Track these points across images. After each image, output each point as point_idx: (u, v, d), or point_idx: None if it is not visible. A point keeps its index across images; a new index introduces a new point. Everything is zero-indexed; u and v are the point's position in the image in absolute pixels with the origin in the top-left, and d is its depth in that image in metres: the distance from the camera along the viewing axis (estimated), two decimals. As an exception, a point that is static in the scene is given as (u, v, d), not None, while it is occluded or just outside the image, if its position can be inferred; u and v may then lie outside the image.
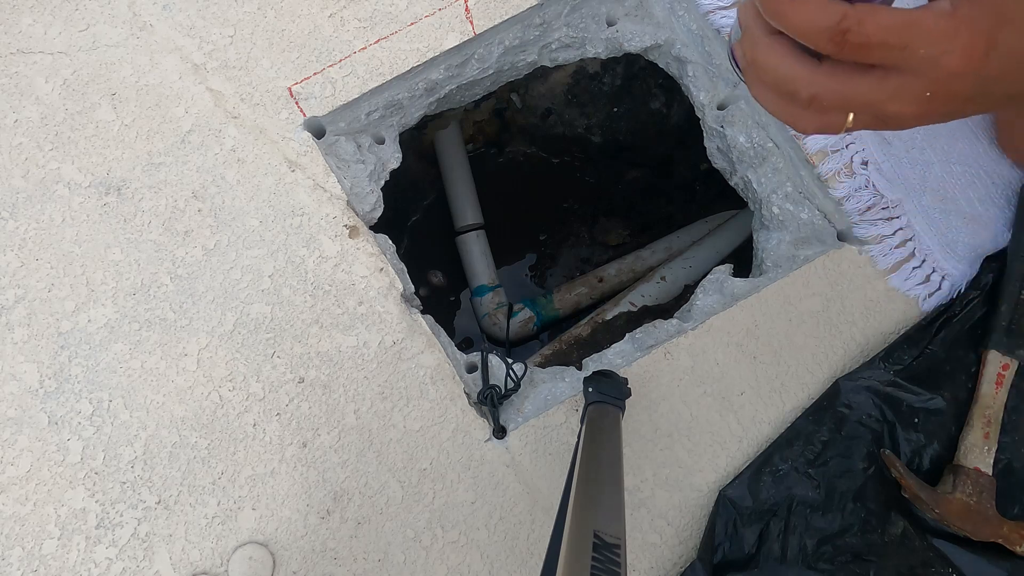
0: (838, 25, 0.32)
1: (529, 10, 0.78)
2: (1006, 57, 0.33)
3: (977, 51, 0.32)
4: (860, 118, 0.36)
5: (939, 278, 0.74)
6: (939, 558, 0.67)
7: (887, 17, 0.32)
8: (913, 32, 0.32)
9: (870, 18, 0.32)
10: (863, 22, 0.32)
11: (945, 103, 0.34)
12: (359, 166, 0.77)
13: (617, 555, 0.42)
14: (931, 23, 0.32)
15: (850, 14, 0.32)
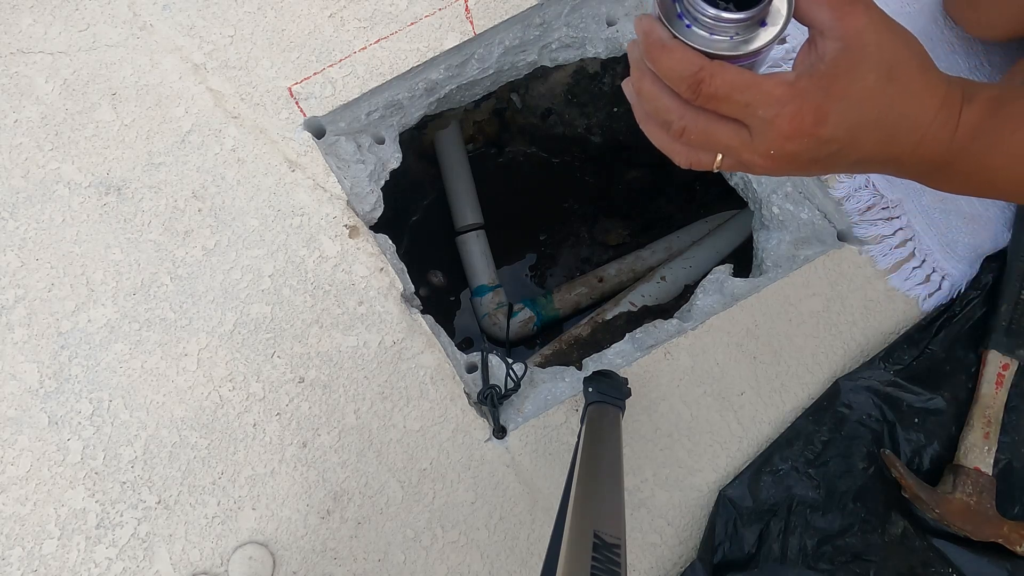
0: (694, 75, 0.36)
1: (529, 10, 0.78)
2: (837, 127, 0.36)
3: (806, 120, 0.36)
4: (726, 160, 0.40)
5: (939, 278, 0.74)
6: (939, 558, 0.67)
7: (735, 76, 0.36)
8: (754, 93, 0.36)
9: (720, 73, 0.36)
10: (714, 76, 0.36)
11: (788, 161, 0.38)
12: (359, 166, 0.77)
13: (617, 555, 0.42)
14: (770, 88, 0.36)
15: (705, 67, 0.36)
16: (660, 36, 0.37)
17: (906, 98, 0.37)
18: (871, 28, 0.37)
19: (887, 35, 0.37)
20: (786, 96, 0.36)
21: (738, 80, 0.36)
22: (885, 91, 0.37)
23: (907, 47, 0.38)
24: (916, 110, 0.38)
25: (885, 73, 0.37)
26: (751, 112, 0.36)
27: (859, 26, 0.36)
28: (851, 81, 0.36)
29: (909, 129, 0.38)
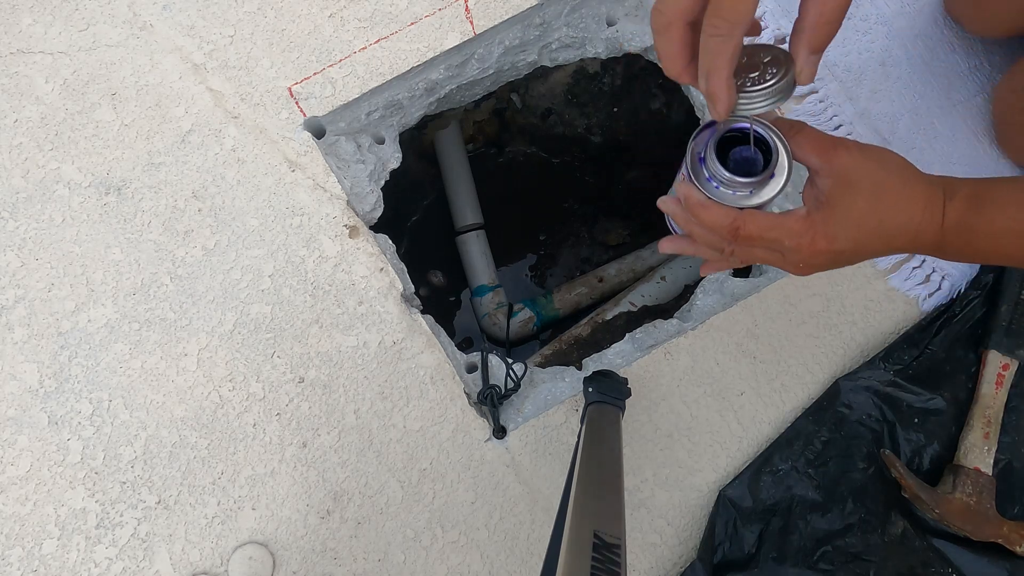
0: (731, 225, 0.46)
1: (529, 10, 0.78)
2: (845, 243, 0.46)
3: (821, 244, 0.46)
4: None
5: (939, 278, 0.74)
6: (939, 558, 0.67)
7: (761, 221, 0.46)
8: (779, 231, 0.46)
9: (750, 221, 0.46)
10: (746, 223, 0.46)
11: (816, 268, 0.48)
12: (359, 166, 0.77)
13: (617, 555, 0.42)
14: (790, 224, 0.46)
15: (737, 218, 0.46)
16: (698, 198, 0.47)
17: (894, 211, 0.46)
18: (853, 163, 0.46)
19: (867, 164, 0.46)
20: (803, 229, 0.46)
21: (764, 223, 0.46)
22: (875, 210, 0.46)
23: (885, 169, 0.46)
24: (904, 218, 0.46)
25: (872, 196, 0.45)
26: (779, 244, 0.47)
27: (843, 163, 0.46)
28: (848, 208, 0.46)
29: (902, 232, 0.47)
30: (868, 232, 0.46)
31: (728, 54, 0.40)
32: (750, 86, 0.43)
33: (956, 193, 0.46)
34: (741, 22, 0.39)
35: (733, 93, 0.42)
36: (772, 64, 0.44)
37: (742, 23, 0.40)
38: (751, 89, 0.43)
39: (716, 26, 0.40)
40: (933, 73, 0.78)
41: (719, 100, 0.42)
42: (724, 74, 0.41)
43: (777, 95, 0.43)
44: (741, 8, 0.39)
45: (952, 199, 0.46)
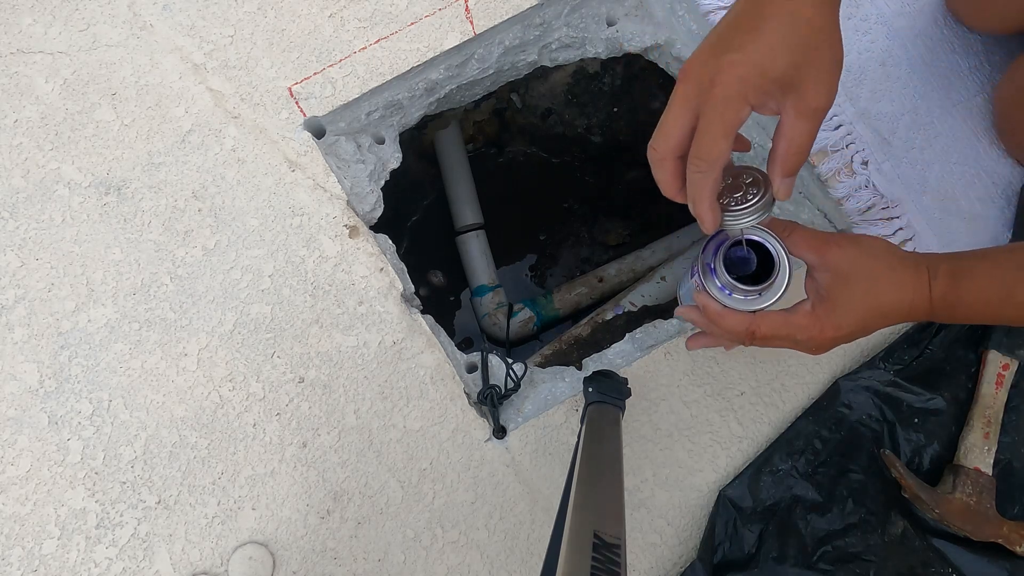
0: (747, 329, 0.54)
1: (529, 10, 0.78)
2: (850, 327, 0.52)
3: (828, 333, 0.52)
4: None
5: (939, 278, 0.74)
6: (939, 558, 0.67)
7: (773, 321, 0.53)
8: (790, 328, 0.53)
9: (764, 323, 0.53)
10: (760, 326, 0.53)
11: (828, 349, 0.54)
12: (359, 166, 0.77)
13: (617, 555, 0.42)
14: (799, 321, 0.53)
15: (752, 322, 0.53)
16: (715, 308, 0.55)
17: (888, 294, 0.52)
18: (845, 257, 0.52)
19: (858, 257, 0.53)
20: (811, 323, 0.53)
21: (777, 323, 0.53)
22: (872, 296, 0.52)
23: (874, 257, 0.53)
24: (897, 298, 0.52)
25: (867, 285, 0.52)
26: (792, 338, 0.53)
27: (836, 259, 0.52)
28: (848, 299, 0.52)
29: (897, 310, 0.53)
30: (868, 315, 0.53)
31: (709, 187, 0.48)
32: (734, 206, 0.50)
33: (938, 271, 0.53)
34: (718, 161, 0.47)
35: (717, 215, 0.50)
36: (753, 185, 0.51)
37: (719, 162, 0.47)
38: (735, 209, 0.50)
39: (698, 165, 0.48)
40: (933, 73, 0.78)
41: (704, 221, 0.50)
42: (707, 203, 0.49)
43: (757, 212, 0.50)
44: (717, 151, 0.47)
45: (935, 277, 0.53)
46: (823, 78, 0.47)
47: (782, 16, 0.46)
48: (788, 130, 0.48)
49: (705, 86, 0.46)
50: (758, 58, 0.46)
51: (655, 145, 0.50)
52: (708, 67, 0.46)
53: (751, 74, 0.45)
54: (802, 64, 0.46)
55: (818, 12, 0.47)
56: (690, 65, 0.48)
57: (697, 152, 0.47)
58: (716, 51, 0.46)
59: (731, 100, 0.45)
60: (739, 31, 0.47)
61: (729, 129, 0.46)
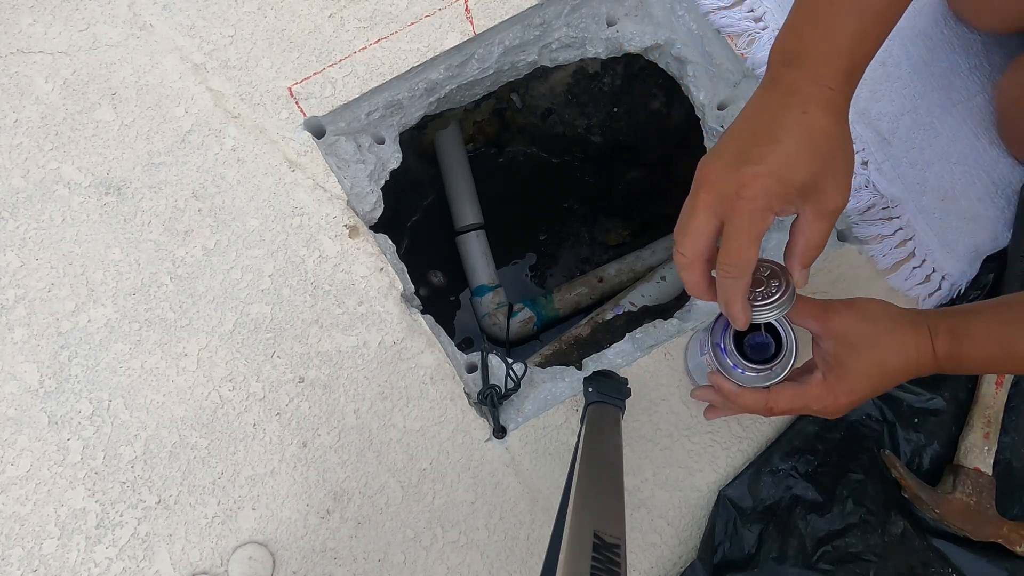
0: (764, 406, 0.56)
1: (529, 10, 0.78)
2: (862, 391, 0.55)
3: (842, 400, 0.55)
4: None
5: (939, 278, 0.74)
6: (939, 558, 0.67)
7: (790, 395, 0.56)
8: (804, 400, 0.55)
9: (779, 398, 0.56)
10: (777, 401, 0.56)
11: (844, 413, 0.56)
12: (359, 166, 0.77)
13: (617, 555, 0.42)
14: (813, 392, 0.55)
15: (768, 398, 0.56)
16: (730, 388, 0.57)
17: (892, 356, 0.55)
18: (845, 325, 0.55)
19: (859, 324, 0.55)
20: (823, 392, 0.55)
21: (792, 396, 0.56)
22: (877, 360, 0.54)
23: (874, 322, 0.55)
24: (902, 359, 0.55)
25: (871, 350, 0.54)
26: (808, 408, 0.56)
27: (838, 327, 0.55)
28: (855, 365, 0.54)
29: (903, 370, 0.55)
30: (877, 378, 0.55)
31: (741, 290, 0.51)
32: (760, 300, 0.53)
33: (938, 330, 0.55)
34: (748, 267, 0.50)
35: (748, 313, 0.52)
36: (772, 277, 0.54)
37: (749, 267, 0.50)
38: (761, 303, 0.53)
39: (728, 271, 0.50)
40: (933, 73, 0.78)
41: (738, 320, 0.53)
42: (739, 304, 0.52)
43: (783, 306, 0.53)
44: (746, 257, 0.49)
45: (936, 335, 0.55)
46: (840, 182, 0.50)
47: (799, 127, 0.49)
48: (807, 229, 0.51)
49: (729, 196, 0.48)
50: (780, 169, 0.48)
51: (683, 251, 0.52)
52: (731, 178, 0.48)
53: (774, 185, 0.48)
54: (820, 172, 0.49)
55: (833, 122, 0.50)
56: (710, 173, 0.50)
57: (727, 259, 0.50)
58: (737, 162, 0.49)
59: (757, 211, 0.48)
60: (758, 143, 0.49)
61: (757, 237, 0.49)
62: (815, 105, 0.50)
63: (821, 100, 0.50)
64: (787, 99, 0.50)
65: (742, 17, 0.79)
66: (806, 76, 0.50)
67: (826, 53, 0.50)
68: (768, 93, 0.52)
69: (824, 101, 0.50)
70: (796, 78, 0.51)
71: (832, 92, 0.50)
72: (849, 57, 0.51)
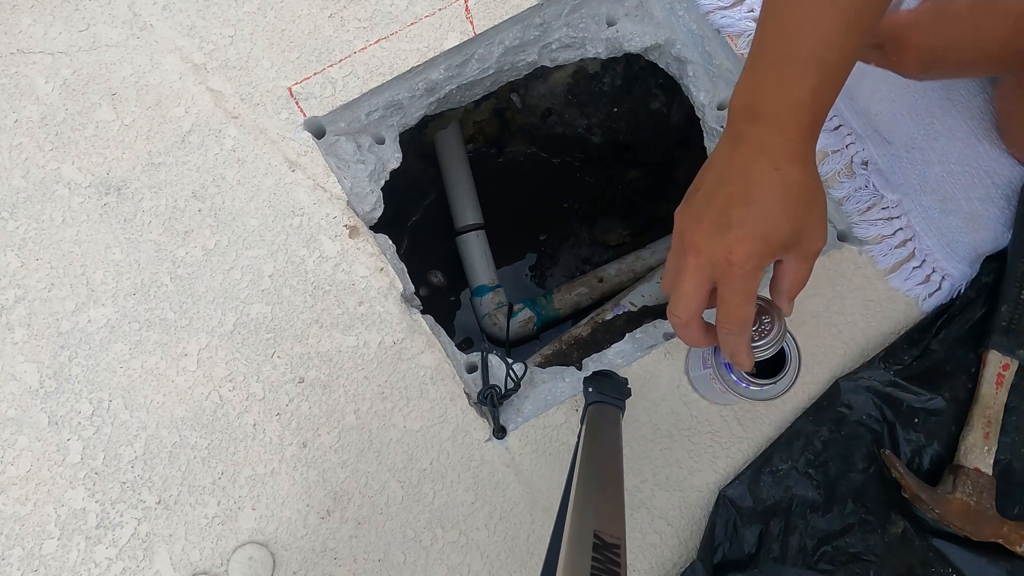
0: None
1: (529, 10, 0.78)
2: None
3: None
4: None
5: (939, 278, 0.74)
6: (939, 558, 0.67)
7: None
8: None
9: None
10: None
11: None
12: (359, 166, 0.77)
13: (617, 555, 0.42)
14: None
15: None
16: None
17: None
18: None
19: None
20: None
21: None
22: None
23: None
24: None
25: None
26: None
27: None
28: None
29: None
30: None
31: (744, 343, 0.54)
32: (757, 339, 0.56)
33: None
34: (747, 323, 0.52)
35: (752, 357, 0.55)
36: (762, 313, 0.57)
37: (748, 323, 0.52)
38: (759, 343, 0.56)
39: (729, 329, 0.53)
40: (933, 73, 0.78)
41: (744, 366, 0.55)
42: (744, 355, 0.54)
43: (779, 341, 0.56)
44: (745, 314, 0.52)
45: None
46: (819, 227, 0.52)
47: (774, 184, 0.51)
48: (791, 271, 0.54)
49: (720, 263, 0.51)
50: (763, 230, 0.50)
51: (678, 313, 0.54)
52: (718, 244, 0.50)
53: (761, 247, 0.50)
54: (801, 223, 0.51)
55: (804, 172, 0.52)
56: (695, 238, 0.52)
57: (727, 319, 0.52)
58: (720, 227, 0.51)
59: (748, 273, 0.50)
60: (737, 204, 0.51)
61: (752, 296, 0.51)
62: (784, 159, 0.51)
63: (790, 153, 0.51)
64: (756, 154, 0.52)
65: (742, 17, 0.79)
66: (771, 131, 0.52)
67: (789, 110, 0.52)
68: (736, 148, 0.53)
69: (792, 153, 0.51)
70: (761, 133, 0.52)
71: (798, 144, 0.52)
72: (810, 111, 0.52)
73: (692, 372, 0.71)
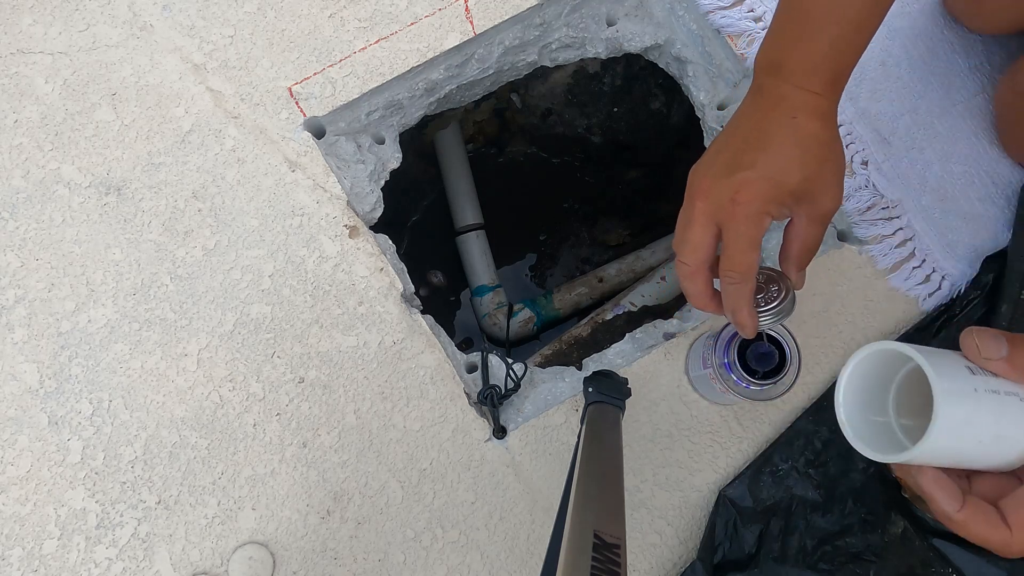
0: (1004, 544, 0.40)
1: (529, 10, 0.78)
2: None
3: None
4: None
5: (939, 278, 0.74)
6: (939, 558, 0.67)
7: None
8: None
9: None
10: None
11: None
12: (359, 166, 0.77)
13: (617, 555, 0.42)
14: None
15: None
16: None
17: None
18: None
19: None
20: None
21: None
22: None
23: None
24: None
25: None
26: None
27: None
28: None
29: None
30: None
31: (746, 296, 0.51)
32: (763, 306, 0.53)
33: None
34: (750, 272, 0.50)
35: (756, 320, 0.53)
36: (769, 282, 0.54)
37: (751, 272, 0.50)
38: (764, 309, 0.53)
39: (732, 278, 0.51)
40: (933, 73, 0.78)
41: (746, 327, 0.53)
42: (746, 310, 0.52)
43: (786, 311, 0.53)
44: (748, 262, 0.50)
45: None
46: (832, 186, 0.51)
47: (789, 133, 0.50)
48: (802, 232, 0.52)
49: (724, 204, 0.49)
50: (773, 173, 0.49)
51: (686, 260, 0.53)
52: (725, 185, 0.49)
53: (768, 189, 0.49)
54: (813, 176, 0.49)
55: (822, 126, 0.51)
56: (703, 182, 0.51)
57: (730, 266, 0.51)
58: (730, 169, 0.49)
59: (753, 216, 0.49)
60: (749, 149, 0.50)
61: (756, 242, 0.50)
62: (803, 111, 0.50)
63: (809, 106, 0.51)
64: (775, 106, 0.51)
65: (742, 17, 0.79)
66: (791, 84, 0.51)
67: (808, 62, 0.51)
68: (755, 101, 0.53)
69: (812, 107, 0.51)
70: (782, 86, 0.51)
71: (819, 98, 0.51)
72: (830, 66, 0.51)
73: (692, 372, 0.71)
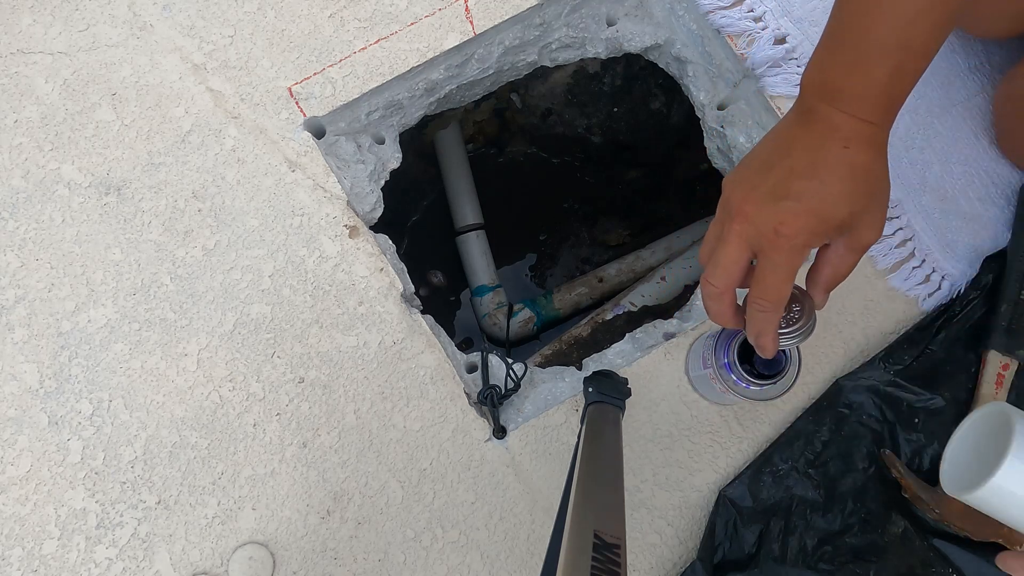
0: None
1: (529, 10, 0.78)
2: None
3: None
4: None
5: (939, 278, 0.74)
6: (939, 558, 0.67)
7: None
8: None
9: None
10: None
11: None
12: (359, 166, 0.77)
13: (617, 555, 0.42)
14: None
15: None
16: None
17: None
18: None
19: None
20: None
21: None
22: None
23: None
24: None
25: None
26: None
27: None
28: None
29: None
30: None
31: (774, 324, 0.51)
32: (785, 327, 0.53)
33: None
34: (782, 302, 0.50)
35: (777, 344, 0.52)
36: (792, 301, 0.53)
37: (783, 303, 0.50)
38: (785, 330, 0.53)
39: (762, 306, 0.50)
40: (933, 73, 0.78)
41: (767, 351, 0.53)
42: (771, 336, 0.52)
43: (805, 333, 0.53)
44: (782, 292, 0.49)
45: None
46: (877, 218, 0.50)
47: (841, 164, 0.48)
48: (836, 260, 0.51)
49: (767, 232, 0.48)
50: (820, 207, 0.47)
51: (714, 281, 0.52)
52: (769, 213, 0.48)
53: (815, 224, 0.47)
54: (860, 209, 0.48)
55: (875, 157, 0.49)
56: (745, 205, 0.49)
57: (762, 294, 0.50)
58: (775, 196, 0.48)
59: (796, 249, 0.48)
60: (796, 177, 0.48)
61: (793, 274, 0.49)
62: (856, 141, 0.48)
63: (863, 136, 0.49)
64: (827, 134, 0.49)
65: (742, 17, 0.79)
66: (846, 113, 0.49)
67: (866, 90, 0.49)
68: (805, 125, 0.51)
69: (866, 137, 0.49)
70: (834, 113, 0.49)
71: (873, 127, 0.49)
72: (888, 94, 0.49)
73: (692, 372, 0.71)
